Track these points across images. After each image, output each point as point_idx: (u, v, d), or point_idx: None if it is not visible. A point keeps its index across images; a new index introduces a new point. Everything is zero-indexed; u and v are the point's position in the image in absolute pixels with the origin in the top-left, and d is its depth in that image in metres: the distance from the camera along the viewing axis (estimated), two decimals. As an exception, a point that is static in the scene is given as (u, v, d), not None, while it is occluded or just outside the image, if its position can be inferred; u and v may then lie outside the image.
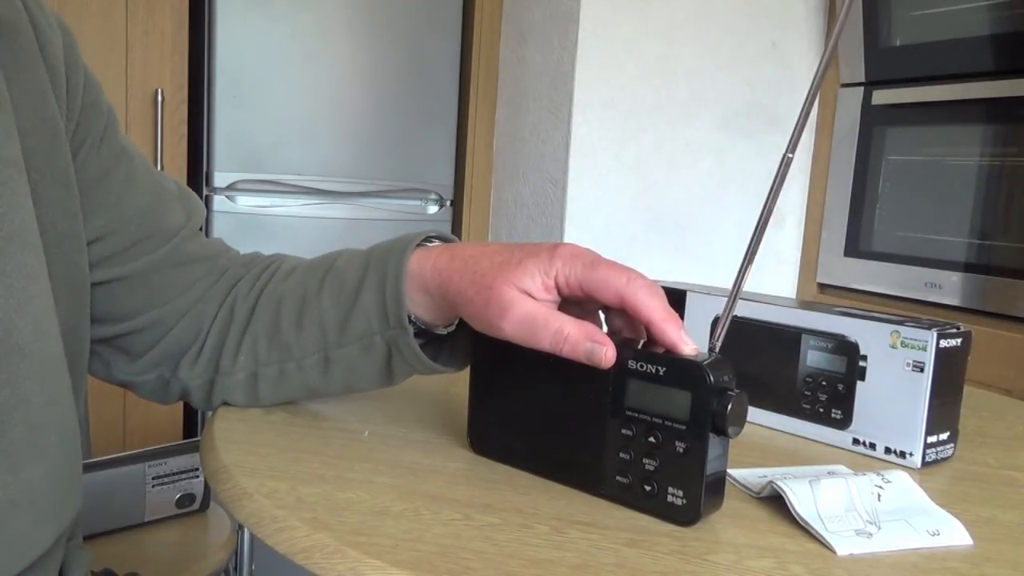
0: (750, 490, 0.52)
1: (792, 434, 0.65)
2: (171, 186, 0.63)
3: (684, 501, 0.46)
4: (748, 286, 0.51)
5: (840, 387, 0.62)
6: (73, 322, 0.55)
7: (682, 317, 0.69)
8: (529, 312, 0.49)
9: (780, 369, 0.65)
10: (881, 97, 1.72)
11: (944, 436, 0.60)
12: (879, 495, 0.49)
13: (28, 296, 0.47)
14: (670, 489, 0.46)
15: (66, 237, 0.53)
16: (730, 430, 0.45)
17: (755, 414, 0.66)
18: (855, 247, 1.78)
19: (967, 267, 1.56)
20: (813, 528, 0.46)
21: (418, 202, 2.01)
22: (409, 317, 0.56)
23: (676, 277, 0.80)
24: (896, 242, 1.70)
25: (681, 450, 0.46)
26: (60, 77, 0.54)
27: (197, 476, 1.14)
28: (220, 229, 1.82)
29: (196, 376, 0.63)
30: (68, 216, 0.53)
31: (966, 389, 0.62)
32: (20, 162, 0.49)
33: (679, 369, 0.46)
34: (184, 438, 1.85)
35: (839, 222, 1.82)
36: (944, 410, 0.59)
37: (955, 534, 0.47)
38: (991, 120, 1.54)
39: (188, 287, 0.62)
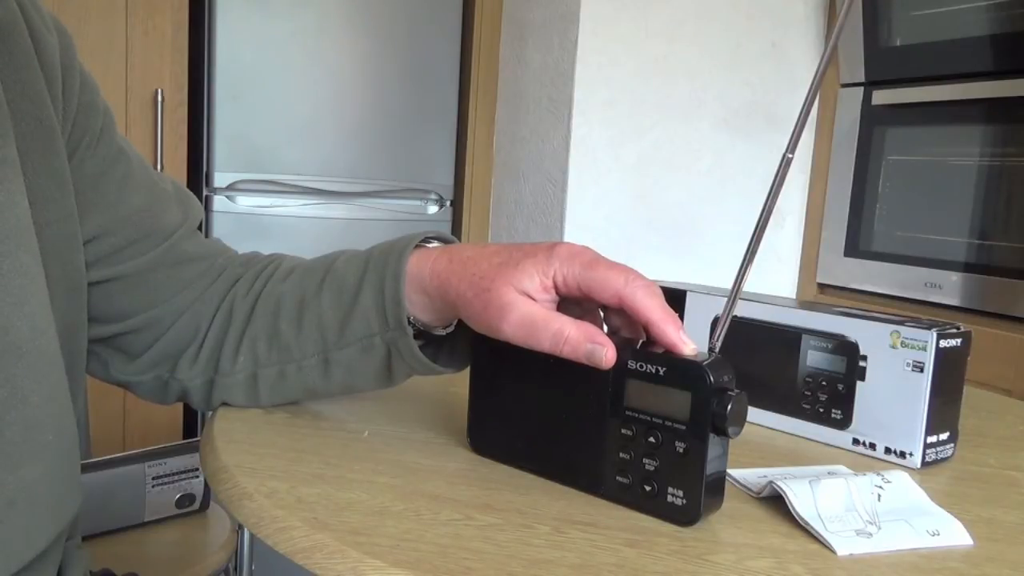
0: (750, 490, 0.52)
1: (792, 434, 0.65)
2: (168, 186, 0.63)
3: (684, 501, 0.46)
4: (748, 286, 0.50)
5: (840, 387, 0.62)
6: (71, 321, 0.55)
7: (682, 317, 0.69)
8: (528, 313, 0.49)
9: (780, 369, 0.65)
10: (881, 97, 1.72)
11: (944, 436, 0.60)
12: (879, 495, 0.49)
13: (25, 295, 0.47)
14: (670, 489, 0.46)
15: (62, 237, 0.53)
16: (730, 430, 0.45)
17: (755, 414, 0.66)
18: (855, 247, 1.78)
19: (967, 267, 1.56)
20: (813, 528, 0.46)
21: (418, 202, 2.01)
22: (408, 318, 0.56)
23: (676, 277, 0.80)
24: (896, 242, 1.70)
25: (681, 450, 0.46)
26: (56, 78, 0.54)
27: (197, 476, 1.14)
28: (220, 229, 1.82)
29: (195, 376, 0.63)
30: (64, 216, 0.53)
31: (966, 389, 0.62)
32: (15, 162, 0.49)
33: (679, 369, 0.46)
34: (184, 438, 1.85)
35: (839, 222, 1.82)
36: (944, 410, 0.59)
37: (955, 534, 0.47)
38: (991, 120, 1.54)
39: (185, 286, 0.62)
